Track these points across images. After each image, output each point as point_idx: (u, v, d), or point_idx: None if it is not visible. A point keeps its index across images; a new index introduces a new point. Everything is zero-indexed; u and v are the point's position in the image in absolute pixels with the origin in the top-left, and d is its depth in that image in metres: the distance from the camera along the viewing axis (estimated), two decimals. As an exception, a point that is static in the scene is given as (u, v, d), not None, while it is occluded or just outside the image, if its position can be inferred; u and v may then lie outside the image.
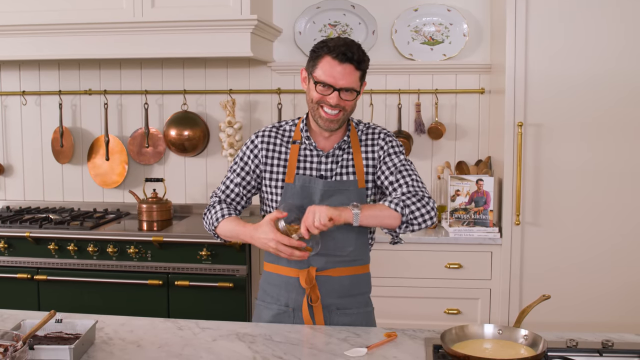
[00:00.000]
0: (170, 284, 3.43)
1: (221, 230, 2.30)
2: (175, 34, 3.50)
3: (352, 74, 2.15)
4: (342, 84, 2.14)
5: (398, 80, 3.92)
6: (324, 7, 3.94)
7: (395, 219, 2.15)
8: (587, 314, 3.34)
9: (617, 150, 3.30)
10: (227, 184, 2.36)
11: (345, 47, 2.13)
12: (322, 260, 2.23)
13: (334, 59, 2.13)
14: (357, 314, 2.29)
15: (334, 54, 2.13)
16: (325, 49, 2.15)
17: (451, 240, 3.38)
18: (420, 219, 2.16)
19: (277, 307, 2.28)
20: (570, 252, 3.35)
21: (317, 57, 2.17)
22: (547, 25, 3.28)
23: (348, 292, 2.27)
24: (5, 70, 4.24)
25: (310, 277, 2.21)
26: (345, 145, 2.29)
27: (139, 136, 4.14)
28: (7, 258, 3.55)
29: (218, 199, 2.36)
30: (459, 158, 3.92)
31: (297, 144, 2.29)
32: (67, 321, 1.94)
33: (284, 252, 2.10)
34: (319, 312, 2.23)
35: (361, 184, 2.26)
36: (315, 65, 2.17)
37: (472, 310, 3.42)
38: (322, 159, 2.27)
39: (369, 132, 2.33)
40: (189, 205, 4.12)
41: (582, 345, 1.87)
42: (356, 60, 2.14)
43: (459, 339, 1.86)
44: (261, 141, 2.32)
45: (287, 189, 2.25)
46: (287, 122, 2.37)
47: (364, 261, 2.32)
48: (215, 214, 2.31)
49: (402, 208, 2.14)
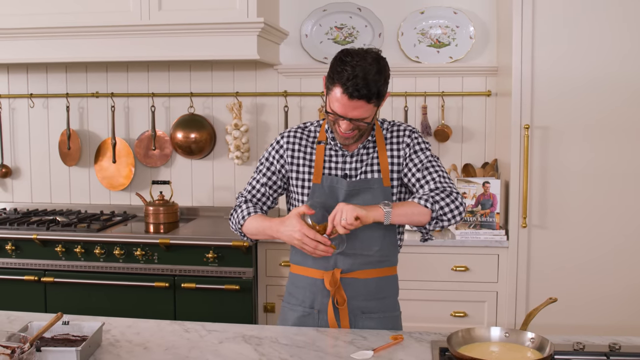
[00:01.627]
0: (176, 286, 3.43)
1: (247, 228, 2.27)
2: (182, 37, 3.51)
3: (363, 107, 2.07)
4: (352, 116, 2.09)
5: (404, 83, 3.92)
6: (331, 10, 3.94)
7: (425, 216, 2.12)
8: (595, 317, 3.33)
9: (623, 152, 3.29)
10: (254, 184, 2.35)
11: (357, 83, 2.03)
12: (348, 262, 2.20)
13: (344, 93, 2.05)
14: (383, 318, 2.26)
15: (345, 88, 2.04)
16: (339, 78, 2.06)
17: (458, 242, 3.37)
18: (450, 214, 2.13)
19: (302, 309, 2.27)
20: (577, 254, 3.34)
21: (333, 82, 2.08)
22: (553, 28, 3.27)
23: (374, 295, 2.25)
24: (13, 73, 4.26)
25: (334, 279, 2.19)
26: (370, 144, 2.27)
27: (146, 139, 4.15)
28: (14, 260, 3.56)
29: (244, 198, 2.35)
30: (465, 160, 3.92)
31: (323, 144, 2.28)
32: (74, 323, 1.94)
33: (309, 246, 2.07)
34: (344, 315, 2.21)
35: (386, 182, 2.23)
36: (330, 88, 2.10)
37: (479, 313, 3.41)
38: (347, 158, 2.26)
39: (393, 130, 2.30)
40: (195, 208, 4.13)
41: (589, 349, 1.86)
42: (367, 96, 2.06)
43: (465, 341, 1.85)
44: (287, 142, 2.32)
45: (314, 190, 2.25)
46: (312, 123, 2.36)
47: (391, 262, 2.29)
48: (242, 213, 2.29)
49: (432, 204, 2.11)
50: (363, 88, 2.04)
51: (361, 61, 2.06)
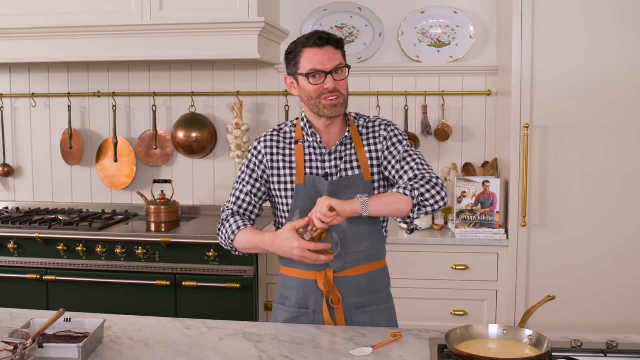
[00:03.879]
0: (177, 285, 3.45)
1: (238, 243, 2.26)
2: (183, 37, 3.52)
3: (334, 53, 2.19)
4: (331, 66, 2.17)
5: (405, 82, 3.93)
6: (331, 10, 3.95)
7: (406, 204, 2.11)
8: (593, 315, 3.34)
9: (623, 152, 3.30)
10: (238, 195, 2.33)
11: (317, 34, 2.19)
12: (339, 262, 2.21)
13: (312, 47, 2.18)
14: (377, 311, 2.28)
15: (310, 42, 2.18)
16: (299, 45, 2.21)
17: (457, 241, 3.38)
18: (432, 200, 2.13)
19: (297, 310, 2.27)
20: (577, 253, 3.35)
21: (295, 56, 2.22)
22: (553, 28, 3.28)
23: (367, 289, 2.26)
24: (15, 73, 4.28)
25: (328, 280, 2.20)
26: (347, 140, 2.28)
27: (147, 138, 4.16)
28: (16, 259, 3.58)
29: (231, 211, 2.33)
30: (465, 160, 3.93)
31: (301, 143, 2.29)
32: (76, 320, 1.96)
33: (309, 258, 2.09)
34: (340, 313, 2.22)
35: (367, 177, 2.25)
36: (297, 63, 2.21)
37: (479, 312, 3.42)
38: (326, 157, 2.26)
39: (369, 126, 2.32)
40: (196, 207, 4.14)
41: (586, 346, 1.87)
42: (334, 40, 2.20)
43: (463, 338, 1.86)
44: (264, 146, 2.31)
45: (297, 190, 2.24)
46: (286, 124, 2.36)
47: (380, 256, 2.31)
48: (230, 227, 2.27)
49: (410, 191, 2.11)
50: (325, 34, 2.19)
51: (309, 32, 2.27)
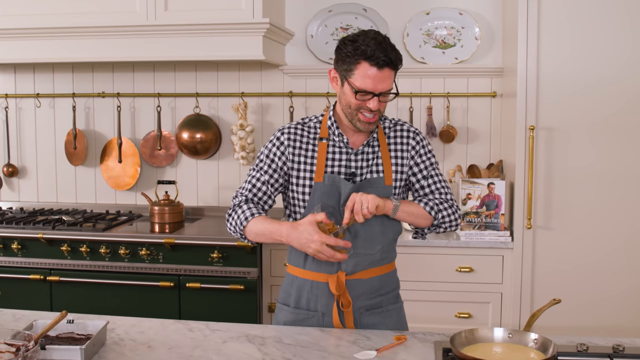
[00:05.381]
0: (181, 286, 3.44)
1: (250, 230, 2.17)
2: (187, 37, 3.52)
3: (390, 76, 2.10)
4: (381, 89, 2.09)
5: (410, 84, 3.92)
6: (336, 11, 3.94)
7: (427, 220, 2.24)
8: (599, 318, 3.32)
9: (629, 153, 3.28)
10: (254, 183, 2.24)
11: (381, 51, 2.04)
12: (351, 263, 2.18)
13: (372, 66, 2.05)
14: (387, 311, 2.26)
15: (372, 61, 2.04)
16: (361, 55, 2.05)
17: (462, 244, 3.37)
18: (448, 224, 2.27)
19: (305, 312, 2.23)
20: (582, 255, 3.34)
21: (353, 63, 2.07)
22: (559, 30, 3.27)
23: (378, 292, 2.25)
24: (20, 73, 4.28)
25: (340, 283, 2.16)
26: (375, 142, 2.25)
27: (152, 139, 4.16)
28: (20, 259, 3.58)
29: (245, 197, 2.24)
30: (470, 161, 3.91)
31: (325, 141, 2.23)
32: (79, 322, 1.95)
33: (326, 254, 2.02)
34: (349, 317, 2.19)
35: (388, 181, 2.22)
36: (351, 70, 2.08)
37: (484, 314, 3.41)
38: (352, 156, 2.22)
39: (397, 129, 2.30)
40: (200, 208, 4.14)
41: (592, 350, 1.86)
42: (394, 62, 2.08)
43: (468, 342, 1.85)
44: (287, 138, 2.23)
45: (316, 188, 2.19)
46: (310, 119, 2.29)
47: (391, 258, 2.30)
48: (244, 214, 2.18)
49: (436, 212, 2.23)
50: (387, 56, 2.05)
51: (372, 34, 2.09)
